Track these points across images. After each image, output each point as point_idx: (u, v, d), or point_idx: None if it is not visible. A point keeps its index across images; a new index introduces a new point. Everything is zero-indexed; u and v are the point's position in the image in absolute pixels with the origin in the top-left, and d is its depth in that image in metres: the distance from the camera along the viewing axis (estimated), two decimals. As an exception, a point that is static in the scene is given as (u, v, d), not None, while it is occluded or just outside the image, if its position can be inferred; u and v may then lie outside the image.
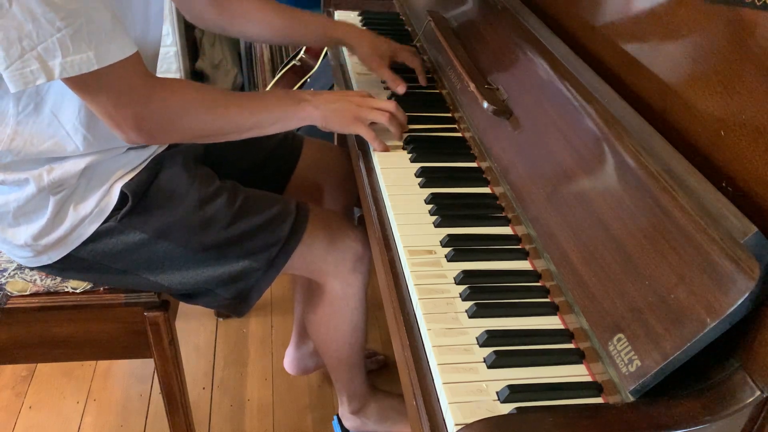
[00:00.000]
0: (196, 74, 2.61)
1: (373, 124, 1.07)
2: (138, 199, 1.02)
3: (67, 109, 0.95)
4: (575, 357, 0.73)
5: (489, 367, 0.71)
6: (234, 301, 1.10)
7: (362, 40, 1.26)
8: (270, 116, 1.03)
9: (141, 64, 0.90)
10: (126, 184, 1.02)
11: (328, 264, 1.15)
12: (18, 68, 0.80)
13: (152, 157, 1.07)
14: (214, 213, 1.05)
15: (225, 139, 1.03)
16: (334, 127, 1.07)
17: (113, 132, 0.92)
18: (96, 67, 0.82)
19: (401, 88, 1.22)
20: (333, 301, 1.20)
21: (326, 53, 1.98)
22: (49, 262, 1.04)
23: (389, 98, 1.22)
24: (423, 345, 0.74)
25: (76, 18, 0.79)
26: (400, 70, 1.29)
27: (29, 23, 0.78)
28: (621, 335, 0.65)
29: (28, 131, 0.95)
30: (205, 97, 0.98)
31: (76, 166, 0.98)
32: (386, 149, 1.07)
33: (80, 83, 0.86)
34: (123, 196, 1.02)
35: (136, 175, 1.03)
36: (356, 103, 1.06)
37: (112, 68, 0.84)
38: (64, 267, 1.06)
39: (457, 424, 0.64)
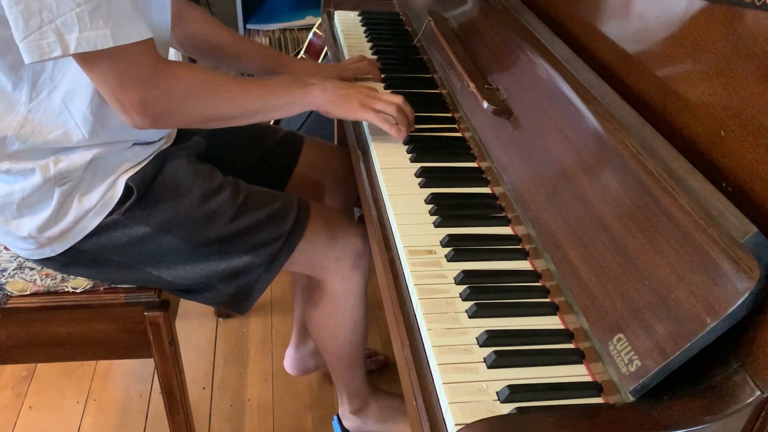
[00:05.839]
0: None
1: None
2: (142, 193, 1.03)
3: (78, 100, 0.95)
4: (575, 357, 0.73)
5: (489, 367, 0.71)
6: (235, 297, 1.10)
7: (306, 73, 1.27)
8: (277, 100, 1.04)
9: (154, 49, 0.91)
10: (131, 177, 1.02)
11: (329, 260, 1.15)
12: (35, 39, 0.81)
13: (157, 151, 1.07)
14: (218, 207, 1.05)
15: (231, 123, 1.03)
16: (339, 112, 1.07)
17: (119, 116, 0.92)
18: (111, 45, 0.83)
19: None
20: (333, 297, 1.20)
21: (326, 53, 1.98)
22: (52, 254, 1.04)
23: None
24: (423, 345, 0.74)
25: None
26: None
27: None
28: (621, 335, 0.65)
29: (38, 119, 0.96)
30: (211, 81, 0.98)
31: (82, 158, 0.99)
32: (400, 132, 1.06)
33: (92, 61, 0.86)
34: (128, 190, 1.02)
35: (141, 168, 1.04)
36: (364, 93, 1.07)
37: (125, 49, 0.85)
38: (66, 260, 1.06)
39: (457, 424, 0.64)
